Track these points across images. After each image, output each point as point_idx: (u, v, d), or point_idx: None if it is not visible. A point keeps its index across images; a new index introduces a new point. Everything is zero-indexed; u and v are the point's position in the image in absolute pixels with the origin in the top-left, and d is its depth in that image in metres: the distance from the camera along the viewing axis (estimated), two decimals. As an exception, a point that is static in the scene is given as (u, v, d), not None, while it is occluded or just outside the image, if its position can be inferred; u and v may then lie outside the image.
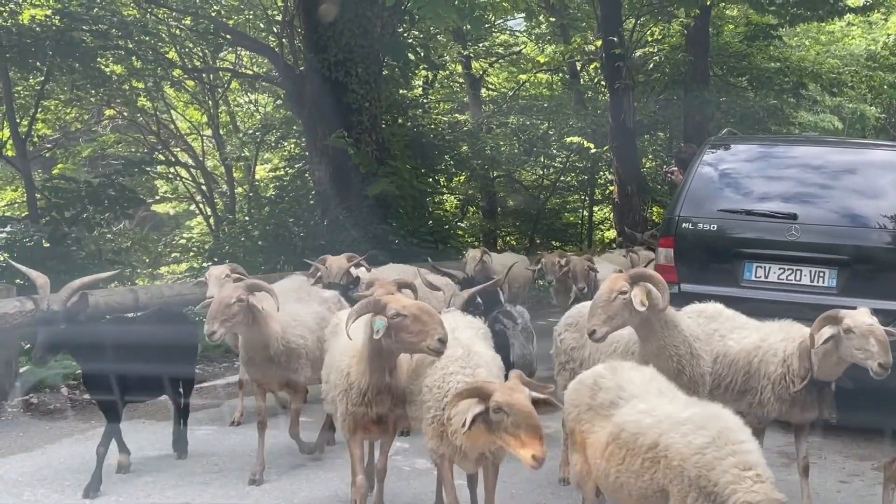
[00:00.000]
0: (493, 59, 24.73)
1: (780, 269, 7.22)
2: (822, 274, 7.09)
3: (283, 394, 6.53)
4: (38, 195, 13.75)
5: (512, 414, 3.65)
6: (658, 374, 4.15)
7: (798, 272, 7.16)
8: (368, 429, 4.77)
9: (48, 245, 11.47)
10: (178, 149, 19.88)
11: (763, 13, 19.23)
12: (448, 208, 21.17)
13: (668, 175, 12.04)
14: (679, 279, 7.49)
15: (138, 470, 5.99)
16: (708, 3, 17.82)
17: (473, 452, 4.17)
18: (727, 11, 21.89)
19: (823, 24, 21.93)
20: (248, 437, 6.48)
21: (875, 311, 6.75)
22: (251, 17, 17.66)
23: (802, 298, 7.03)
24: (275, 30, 17.14)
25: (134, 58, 14.94)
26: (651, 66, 21.28)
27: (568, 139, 20.61)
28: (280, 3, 16.64)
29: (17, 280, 9.76)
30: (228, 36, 16.42)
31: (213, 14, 16.25)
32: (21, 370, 7.97)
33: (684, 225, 7.56)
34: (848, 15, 20.47)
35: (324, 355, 5.51)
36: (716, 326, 5.49)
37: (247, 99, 21.03)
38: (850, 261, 7.01)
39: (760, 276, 7.29)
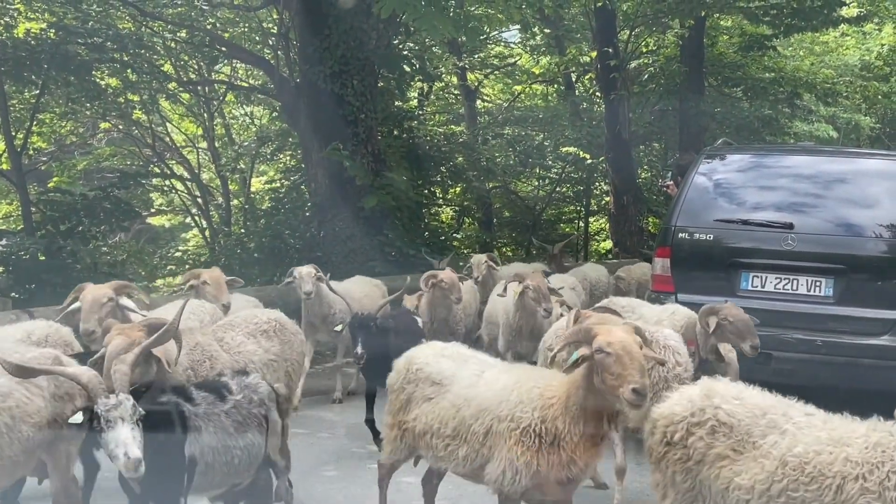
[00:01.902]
0: (489, 70, 24.73)
1: (776, 278, 7.22)
2: (818, 283, 7.09)
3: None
4: (34, 208, 13.68)
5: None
6: None
7: (795, 281, 7.16)
8: (549, 490, 4.03)
9: (44, 258, 11.39)
10: (174, 161, 19.85)
11: (757, 24, 19.29)
12: (444, 219, 21.15)
13: (664, 188, 12.05)
14: (676, 289, 7.50)
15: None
16: (702, 14, 17.88)
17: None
18: (722, 22, 21.91)
19: (817, 34, 21.98)
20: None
21: (871, 320, 6.86)
22: (246, 29, 17.67)
23: (799, 308, 7.05)
24: (270, 42, 17.16)
25: (129, 71, 14.95)
26: (646, 76, 21.31)
27: (563, 150, 20.62)
28: (275, 16, 16.66)
29: (13, 294, 9.74)
30: (224, 48, 16.44)
31: (208, 27, 16.28)
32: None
33: (680, 235, 7.56)
34: (842, 25, 20.57)
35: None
36: None
37: (242, 111, 21.01)
38: (846, 270, 7.01)
39: (757, 286, 7.29)
